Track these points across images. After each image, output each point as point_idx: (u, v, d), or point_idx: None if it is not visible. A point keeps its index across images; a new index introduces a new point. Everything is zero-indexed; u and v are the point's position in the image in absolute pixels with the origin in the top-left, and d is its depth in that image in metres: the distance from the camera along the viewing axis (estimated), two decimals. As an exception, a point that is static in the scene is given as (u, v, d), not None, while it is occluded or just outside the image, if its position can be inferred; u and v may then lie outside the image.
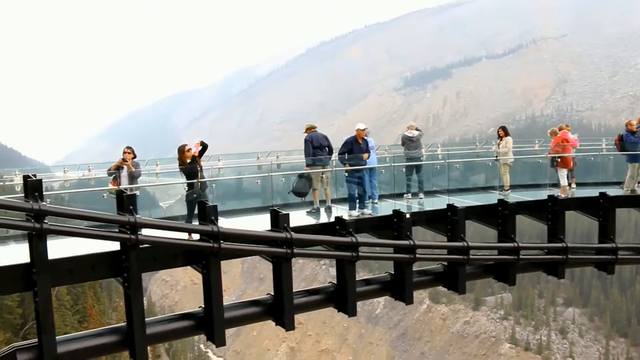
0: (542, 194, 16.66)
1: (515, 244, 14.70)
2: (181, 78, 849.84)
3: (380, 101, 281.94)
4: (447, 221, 14.34)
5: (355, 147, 15.01)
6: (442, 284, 15.11)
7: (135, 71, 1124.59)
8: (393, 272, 13.94)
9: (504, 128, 18.72)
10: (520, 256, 14.83)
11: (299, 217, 13.49)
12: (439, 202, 15.83)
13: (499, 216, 15.13)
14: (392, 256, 13.43)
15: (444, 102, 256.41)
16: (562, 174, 17.94)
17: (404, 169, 17.10)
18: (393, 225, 13.47)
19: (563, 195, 17.05)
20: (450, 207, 14.36)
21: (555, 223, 15.87)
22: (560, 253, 15.60)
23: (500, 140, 18.35)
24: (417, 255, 13.13)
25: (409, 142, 17.18)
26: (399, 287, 13.83)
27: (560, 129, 19.04)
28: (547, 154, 18.70)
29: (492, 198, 16.41)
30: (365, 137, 15.40)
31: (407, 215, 13.32)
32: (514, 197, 16.90)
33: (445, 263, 14.71)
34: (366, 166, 15.15)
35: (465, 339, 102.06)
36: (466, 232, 14.37)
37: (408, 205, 15.95)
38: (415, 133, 17.21)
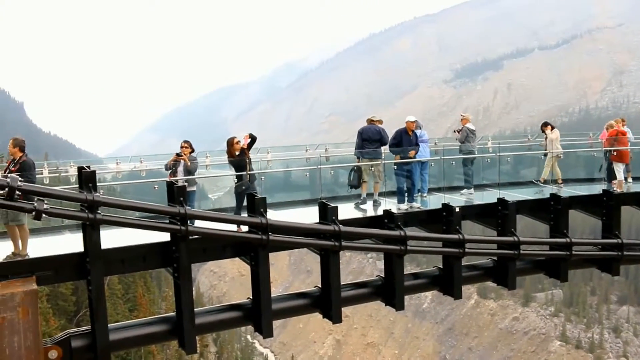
0: (597, 189, 16.21)
1: (568, 240, 14.31)
2: (230, 71, 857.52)
3: (430, 93, 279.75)
4: (498, 215, 14.06)
5: (404, 139, 14.82)
6: (492, 279, 14.84)
7: (184, 64, 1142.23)
8: (441, 267, 13.77)
9: (546, 124, 18.10)
10: (573, 252, 14.44)
11: (347, 210, 13.43)
12: (488, 196, 15.54)
13: (551, 211, 14.75)
14: (441, 250, 13.24)
15: (495, 94, 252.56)
16: (618, 168, 17.38)
17: (453, 162, 16.85)
18: (442, 219, 13.26)
19: (619, 190, 16.54)
20: (501, 201, 14.08)
21: (610, 218, 15.41)
22: (615, 249, 15.15)
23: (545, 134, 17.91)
24: (466, 250, 12.93)
25: (472, 136, 16.93)
26: (447, 282, 13.64)
27: (616, 122, 18.50)
28: (603, 145, 18.17)
29: (544, 192, 16.04)
30: (418, 130, 15.21)
31: (457, 209, 13.11)
32: (567, 191, 16.46)
33: (495, 258, 14.43)
34: (416, 159, 14.96)
35: (513, 335, 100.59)
36: (517, 226, 14.08)
37: (465, 199, 15.70)
38: (474, 126, 17.01)
